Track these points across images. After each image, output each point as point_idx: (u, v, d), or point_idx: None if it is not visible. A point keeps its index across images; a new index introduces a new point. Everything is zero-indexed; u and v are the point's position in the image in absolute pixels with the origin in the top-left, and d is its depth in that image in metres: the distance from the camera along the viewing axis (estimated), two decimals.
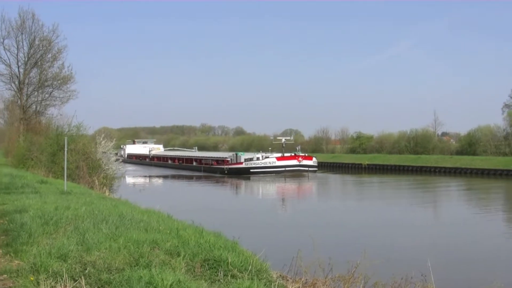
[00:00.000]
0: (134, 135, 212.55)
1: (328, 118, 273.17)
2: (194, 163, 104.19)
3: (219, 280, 9.02)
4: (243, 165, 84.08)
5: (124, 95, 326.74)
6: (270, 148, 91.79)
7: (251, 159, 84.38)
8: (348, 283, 11.40)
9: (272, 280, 9.72)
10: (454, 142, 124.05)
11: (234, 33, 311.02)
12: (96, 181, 38.20)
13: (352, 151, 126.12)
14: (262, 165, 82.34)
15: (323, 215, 39.37)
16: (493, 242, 28.33)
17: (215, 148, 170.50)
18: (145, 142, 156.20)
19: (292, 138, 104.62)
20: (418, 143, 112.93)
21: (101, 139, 49.33)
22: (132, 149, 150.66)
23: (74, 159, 38.04)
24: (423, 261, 13.44)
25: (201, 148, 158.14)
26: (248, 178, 78.14)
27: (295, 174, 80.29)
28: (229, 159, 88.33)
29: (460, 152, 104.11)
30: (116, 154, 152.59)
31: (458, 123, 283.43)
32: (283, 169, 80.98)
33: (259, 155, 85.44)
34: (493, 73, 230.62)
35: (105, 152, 48.39)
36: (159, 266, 8.85)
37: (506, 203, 50.12)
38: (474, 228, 33.35)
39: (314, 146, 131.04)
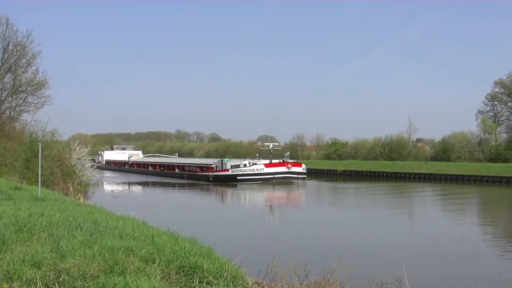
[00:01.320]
0: (109, 141, 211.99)
1: (303, 125, 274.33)
2: (177, 170, 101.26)
3: (194, 287, 9.00)
4: (230, 172, 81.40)
5: (98, 102, 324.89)
6: (257, 155, 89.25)
7: (237, 166, 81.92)
8: None
9: (247, 286, 9.72)
10: (428, 149, 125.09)
11: (210, 39, 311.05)
12: (71, 188, 38.00)
13: (327, 157, 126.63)
14: (250, 172, 79.83)
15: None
16: (467, 247, 28.60)
17: (190, 155, 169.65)
18: (123, 148, 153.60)
19: (280, 144, 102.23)
20: (393, 149, 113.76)
21: (76, 145, 49.08)
22: (110, 155, 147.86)
23: (49, 165, 37.78)
24: (398, 266, 13.52)
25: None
26: (235, 186, 75.28)
27: (284, 181, 77.63)
28: (214, 166, 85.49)
29: (435, 158, 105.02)
30: (94, 160, 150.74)
31: (433, 130, 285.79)
32: (272, 176, 78.47)
33: (246, 162, 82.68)
34: (467, 80, 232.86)
35: (79, 159, 48.14)
36: (134, 273, 8.80)
37: (480, 209, 50.56)
38: (449, 234, 33.64)
39: (289, 152, 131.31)
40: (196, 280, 9.24)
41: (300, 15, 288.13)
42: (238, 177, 79.38)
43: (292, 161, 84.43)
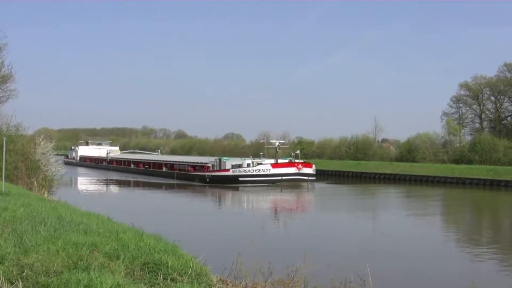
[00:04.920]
0: (74, 136, 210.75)
1: (269, 123, 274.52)
2: (164, 169, 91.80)
3: (158, 284, 8.99)
4: (230, 173, 72.01)
5: (64, 96, 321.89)
6: (261, 153, 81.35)
7: (239, 166, 72.51)
8: (288, 287, 11.49)
9: (212, 284, 9.76)
10: (393, 149, 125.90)
11: (177, 35, 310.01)
12: (35, 183, 37.59)
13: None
14: (254, 173, 70.88)
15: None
16: (430, 247, 28.95)
17: (155, 151, 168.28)
18: (99, 144, 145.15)
19: (287, 142, 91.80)
20: (359, 149, 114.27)
21: (41, 139, 48.49)
22: (85, 151, 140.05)
23: (13, 159, 37.32)
24: (362, 265, 13.64)
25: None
26: (237, 188, 66.83)
27: (293, 184, 69.17)
28: (210, 165, 75.98)
29: (400, 158, 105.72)
30: (67, 156, 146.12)
31: (398, 131, 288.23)
32: (279, 178, 69.64)
33: (249, 161, 73.52)
34: (432, 82, 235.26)
35: (44, 153, 47.59)
36: (98, 269, 8.76)
37: (443, 211, 51.11)
38: (412, 235, 34.03)
39: (255, 150, 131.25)
40: (160, 276, 9.25)
41: (266, 15, 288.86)
42: (240, 178, 70.64)
43: (301, 161, 75.94)
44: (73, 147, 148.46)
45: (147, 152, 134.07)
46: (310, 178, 72.00)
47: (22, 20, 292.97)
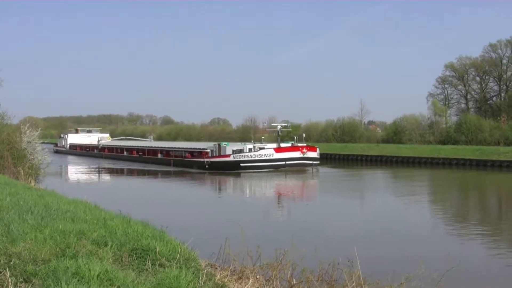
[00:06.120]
0: (60, 124, 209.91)
1: (255, 107, 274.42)
2: (160, 156, 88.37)
3: (147, 269, 9.02)
4: (231, 158, 68.69)
5: (49, 84, 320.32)
6: (262, 137, 79.78)
7: (241, 151, 69.15)
8: (276, 270, 11.53)
9: (200, 268, 9.77)
10: (380, 131, 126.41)
11: (163, 21, 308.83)
12: (22, 172, 37.46)
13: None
14: (256, 158, 67.83)
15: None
16: (417, 228, 29.13)
17: (143, 138, 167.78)
18: (89, 131, 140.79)
19: (289, 125, 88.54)
20: (345, 131, 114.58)
21: (26, 128, 48.26)
22: (75, 138, 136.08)
23: None
24: (350, 247, 13.70)
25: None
26: (238, 175, 64.10)
27: (297, 169, 67.49)
28: (208, 150, 72.50)
29: (386, 140, 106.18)
30: (56, 144, 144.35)
31: (384, 112, 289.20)
32: (283, 162, 67.87)
33: (251, 146, 70.27)
34: (418, 63, 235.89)
35: (30, 142, 47.40)
36: (86, 256, 8.77)
37: (430, 192, 51.37)
38: (399, 216, 34.22)
39: (242, 135, 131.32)
40: (148, 262, 9.28)
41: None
42: (242, 164, 67.64)
43: (305, 144, 72.83)
44: (62, 135, 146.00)
45: (139, 138, 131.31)
46: (314, 162, 70.23)
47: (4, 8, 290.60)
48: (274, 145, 71.11)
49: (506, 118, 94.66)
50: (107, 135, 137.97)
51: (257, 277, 11.27)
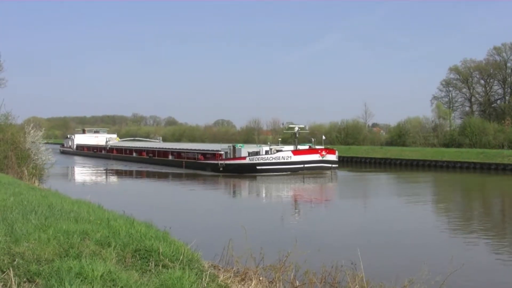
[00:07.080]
0: (64, 125, 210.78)
1: (259, 109, 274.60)
2: (171, 157, 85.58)
3: (150, 270, 9.02)
4: (247, 161, 66.62)
5: (53, 85, 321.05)
6: (279, 139, 78.72)
7: (257, 153, 67.30)
8: (279, 272, 11.54)
9: (203, 269, 9.78)
10: (384, 133, 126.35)
11: (167, 23, 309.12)
12: (25, 172, 37.51)
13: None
14: (274, 160, 65.72)
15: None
16: (421, 232, 29.01)
17: (147, 138, 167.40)
18: (96, 132, 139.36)
19: (306, 127, 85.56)
20: (349, 134, 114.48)
21: (30, 128, 48.31)
22: (82, 139, 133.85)
23: (3, 149, 37.28)
24: (353, 250, 13.68)
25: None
26: (254, 178, 62.07)
27: (316, 172, 65.78)
28: (222, 152, 70.62)
29: (390, 143, 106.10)
30: (63, 145, 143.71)
31: (388, 115, 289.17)
32: (301, 165, 65.77)
33: (267, 148, 68.24)
34: (422, 66, 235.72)
35: (34, 142, 47.45)
36: (89, 256, 8.77)
37: (433, 195, 51.26)
38: (402, 219, 34.12)
39: (245, 137, 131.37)
40: (152, 263, 9.27)
41: (254, 2, 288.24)
42: (258, 167, 65.43)
43: (323, 147, 71.11)
44: (68, 136, 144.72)
45: (148, 139, 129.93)
46: (333, 165, 68.56)
47: (7, 9, 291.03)
48: (291, 148, 69.77)
49: (510, 121, 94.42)
50: (115, 135, 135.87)
51: (260, 278, 11.28)
